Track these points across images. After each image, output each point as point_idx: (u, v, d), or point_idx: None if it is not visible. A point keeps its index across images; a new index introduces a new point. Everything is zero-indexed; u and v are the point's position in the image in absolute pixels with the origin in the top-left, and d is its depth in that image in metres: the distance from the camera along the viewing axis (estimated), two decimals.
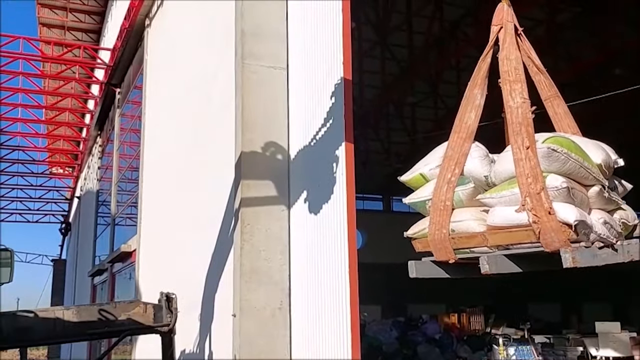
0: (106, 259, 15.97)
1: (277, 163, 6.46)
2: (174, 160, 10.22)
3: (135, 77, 14.58)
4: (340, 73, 5.80)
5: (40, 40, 19.28)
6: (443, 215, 3.41)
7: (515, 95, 3.18)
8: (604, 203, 3.24)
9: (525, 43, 3.45)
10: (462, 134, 3.46)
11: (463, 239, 3.36)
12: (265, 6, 6.65)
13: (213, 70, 8.01)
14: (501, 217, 3.17)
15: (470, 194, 3.40)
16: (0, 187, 28.65)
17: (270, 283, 6.14)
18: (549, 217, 2.92)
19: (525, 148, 3.04)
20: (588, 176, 3.13)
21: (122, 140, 16.43)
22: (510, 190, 3.14)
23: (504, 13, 3.43)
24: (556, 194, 2.99)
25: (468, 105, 3.47)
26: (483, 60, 3.47)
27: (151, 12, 12.28)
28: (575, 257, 2.85)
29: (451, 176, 3.43)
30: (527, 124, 3.11)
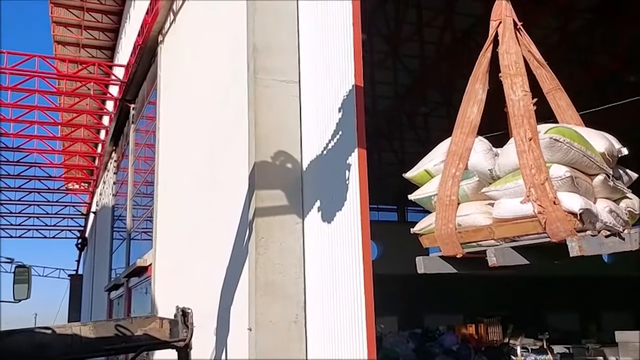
0: (122, 274, 16.06)
1: (290, 173, 6.49)
2: (188, 175, 10.28)
3: (149, 93, 14.72)
4: (352, 80, 5.82)
5: (56, 58, 19.55)
6: (449, 210, 3.43)
7: (517, 88, 3.22)
8: (609, 192, 3.24)
9: (525, 37, 3.48)
10: (465, 129, 3.49)
11: (470, 233, 3.37)
12: (277, 21, 6.71)
13: (226, 85, 8.07)
14: (506, 209, 3.19)
15: (475, 188, 3.42)
16: (17, 204, 28.96)
17: (286, 296, 6.14)
18: (554, 207, 2.93)
19: (527, 140, 3.06)
20: (592, 165, 3.14)
21: (136, 155, 16.57)
22: (514, 182, 3.15)
23: (503, 8, 3.47)
24: (560, 183, 3.00)
25: (470, 100, 3.51)
26: (483, 55, 3.51)
27: (164, 28, 12.42)
28: (582, 245, 2.86)
29: (456, 171, 3.45)
30: (529, 116, 3.14)
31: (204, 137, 9.33)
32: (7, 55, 16.45)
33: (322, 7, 6.48)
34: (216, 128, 8.62)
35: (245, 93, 6.79)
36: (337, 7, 6.16)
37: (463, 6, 17.55)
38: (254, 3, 6.69)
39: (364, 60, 6.01)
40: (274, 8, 6.74)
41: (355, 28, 5.92)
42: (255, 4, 6.68)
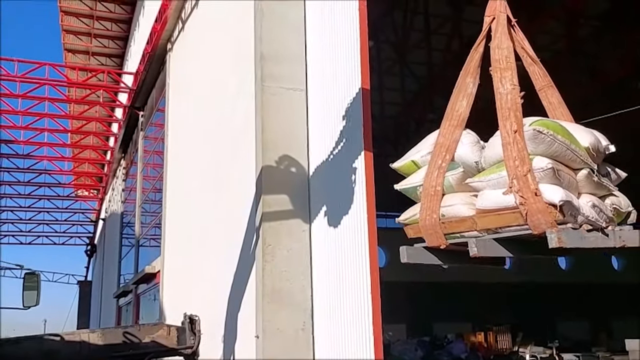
0: (131, 281, 16.11)
1: (297, 178, 6.50)
2: (196, 181, 10.32)
3: (158, 100, 14.81)
4: (359, 84, 5.84)
5: (66, 66, 19.71)
6: (433, 201, 3.45)
7: (505, 82, 3.24)
8: (593, 187, 3.25)
9: (519, 34, 3.51)
10: (453, 121, 3.52)
11: (453, 224, 3.38)
12: (284, 29, 6.74)
13: (234, 92, 8.11)
14: (489, 200, 3.21)
15: (459, 179, 3.44)
16: (27, 210, 29.15)
17: (293, 304, 6.14)
18: (536, 198, 2.94)
19: (513, 132, 3.08)
20: (575, 159, 3.15)
21: (145, 162, 16.65)
22: (498, 173, 3.18)
23: (497, 4, 3.51)
24: (542, 175, 3.02)
25: (460, 94, 3.54)
26: (475, 49, 3.54)
27: (173, 36, 12.51)
28: (561, 237, 2.85)
29: (442, 162, 3.48)
30: (516, 109, 3.16)
31: (212, 144, 9.37)
32: (18, 63, 16.62)
33: (329, 14, 6.51)
34: (224, 135, 8.66)
35: (252, 100, 6.83)
36: (344, 13, 6.19)
37: (470, 13, 17.55)
38: (262, 11, 6.73)
39: (372, 67, 6.03)
40: (281, 16, 6.78)
41: (362, 33, 5.94)
42: (262, 12, 6.73)
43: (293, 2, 6.83)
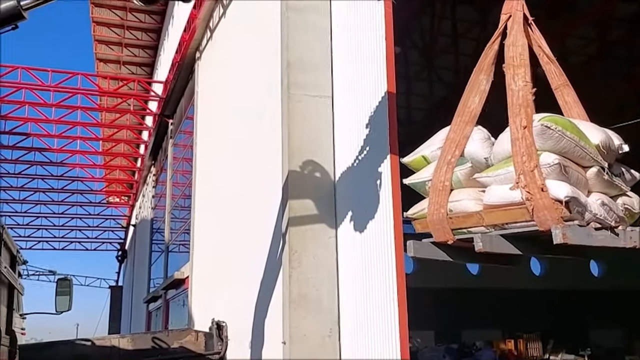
0: (160, 286, 16.32)
1: (323, 184, 6.53)
2: (224, 188, 10.44)
3: (187, 108, 15.02)
4: (384, 88, 5.85)
5: (97, 76, 20.12)
6: (441, 196, 3.45)
7: (518, 79, 3.24)
8: (604, 186, 3.21)
9: (535, 32, 3.49)
10: (464, 117, 3.52)
11: (460, 219, 3.37)
12: (310, 37, 6.80)
13: (261, 99, 8.19)
14: (497, 196, 3.19)
15: (467, 174, 3.44)
16: (61, 217, 29.76)
17: (319, 310, 6.16)
18: (542, 194, 2.92)
19: (522, 128, 3.07)
20: (585, 156, 3.11)
21: (175, 169, 16.89)
22: (505, 168, 3.16)
23: (514, 2, 3.49)
24: (549, 171, 2.99)
25: (473, 90, 3.54)
26: (490, 47, 3.53)
27: (201, 45, 12.68)
28: (566, 233, 2.82)
29: (451, 157, 3.48)
30: (527, 105, 3.15)
31: (240, 151, 9.47)
32: (52, 73, 17.03)
33: (355, 20, 6.54)
34: (251, 142, 8.75)
35: (279, 107, 6.89)
36: (370, 19, 6.21)
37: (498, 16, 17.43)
38: (288, 20, 6.80)
39: (399, 72, 6.04)
40: (307, 25, 6.83)
41: (387, 38, 5.95)
42: (289, 20, 6.79)
43: (319, 10, 6.88)
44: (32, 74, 16.85)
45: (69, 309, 6.98)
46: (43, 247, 33.77)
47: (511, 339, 19.55)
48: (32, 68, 16.82)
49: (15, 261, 4.54)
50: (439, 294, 21.27)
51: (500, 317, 22.09)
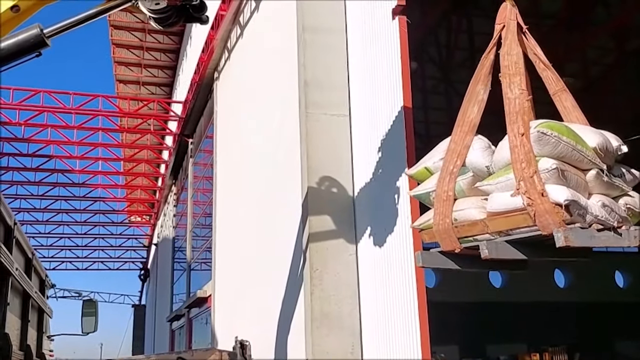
0: (183, 305, 16.40)
1: (342, 200, 6.58)
2: (245, 206, 10.51)
3: (207, 127, 15.19)
4: (401, 103, 5.90)
5: (118, 97, 20.45)
6: (446, 206, 3.50)
7: (514, 87, 3.29)
8: (605, 188, 3.24)
9: (530, 40, 3.55)
10: (464, 128, 3.58)
11: (465, 228, 3.42)
12: (327, 57, 6.88)
13: (279, 119, 8.28)
14: (499, 203, 3.24)
15: (469, 183, 3.48)
16: (84, 237, 30.11)
17: (341, 328, 6.17)
18: (542, 199, 2.97)
19: (520, 135, 3.13)
20: (583, 159, 3.16)
21: (195, 188, 17.04)
22: (506, 176, 3.21)
23: (507, 12, 3.55)
24: (548, 176, 3.03)
25: (471, 100, 3.60)
26: (486, 57, 3.59)
27: (219, 65, 12.86)
28: (568, 236, 2.86)
29: (453, 167, 3.53)
30: (524, 112, 3.21)
31: (260, 168, 9.56)
32: (73, 96, 17.38)
33: (371, 37, 6.61)
34: (270, 160, 8.83)
35: (297, 126, 6.97)
36: (385, 35, 6.27)
37: None
38: (305, 41, 6.89)
39: (416, 86, 6.10)
40: (324, 44, 6.92)
41: (402, 53, 6.00)
42: (305, 42, 6.89)
43: (335, 30, 6.98)
44: (54, 97, 17.21)
45: (95, 330, 7.08)
46: (67, 267, 34.21)
47: (536, 353, 19.27)
48: (53, 91, 17.20)
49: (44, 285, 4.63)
50: (463, 308, 21.08)
51: (525, 331, 21.82)
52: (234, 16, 11.13)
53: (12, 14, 4.44)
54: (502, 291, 23.35)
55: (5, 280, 3.18)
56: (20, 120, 17.21)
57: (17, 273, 3.35)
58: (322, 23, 6.98)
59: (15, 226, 3.29)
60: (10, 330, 3.32)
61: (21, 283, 3.55)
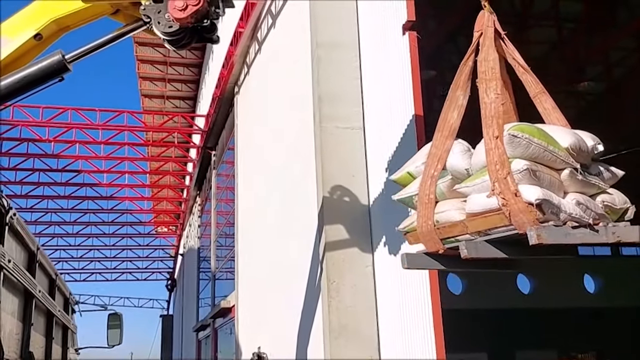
0: (208, 315, 16.60)
1: (358, 210, 6.67)
2: (265, 216, 10.67)
3: (228, 140, 15.43)
4: (412, 112, 5.99)
5: (143, 113, 20.87)
6: (428, 208, 3.62)
7: (490, 92, 3.40)
8: (581, 186, 3.31)
9: (509, 45, 3.64)
10: (445, 132, 3.69)
11: (447, 229, 3.53)
12: (339, 72, 7.01)
13: (296, 131, 8.43)
14: (476, 204, 3.34)
15: (449, 185, 3.61)
16: (112, 249, 30.66)
17: (359, 339, 6.26)
18: (516, 199, 3.06)
19: (494, 138, 3.22)
20: (555, 159, 3.24)
21: (218, 198, 17.29)
22: (482, 178, 3.31)
23: (485, 19, 3.65)
24: (520, 176, 3.12)
25: (451, 106, 3.72)
26: (465, 64, 3.70)
27: (239, 79, 13.08)
28: (540, 234, 2.93)
29: (434, 171, 3.65)
30: (498, 116, 3.31)
31: (278, 180, 9.71)
32: (100, 112, 17.82)
33: (382, 52, 6.72)
34: (288, 171, 8.97)
35: (313, 139, 7.10)
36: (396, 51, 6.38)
37: (536, 35, 17.35)
38: (318, 57, 7.03)
39: (434, 94, 6.18)
40: (337, 60, 7.05)
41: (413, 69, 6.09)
42: (319, 57, 7.03)
43: (347, 45, 7.10)
44: (82, 114, 17.67)
45: (120, 343, 7.28)
46: (96, 278, 34.83)
47: (566, 359, 19.03)
48: (81, 109, 17.66)
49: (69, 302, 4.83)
50: (491, 315, 20.94)
51: (554, 337, 21.56)
52: (252, 32, 11.34)
53: (35, 42, 4.68)
54: (530, 297, 23.12)
55: (29, 302, 3.37)
56: (49, 137, 17.69)
57: (40, 294, 3.53)
58: (335, 39, 7.11)
59: (38, 251, 3.48)
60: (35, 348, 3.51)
61: (44, 303, 3.74)
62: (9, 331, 2.87)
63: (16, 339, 3.13)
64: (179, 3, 4.22)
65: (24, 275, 3.06)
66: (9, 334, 2.88)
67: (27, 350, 3.28)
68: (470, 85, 3.69)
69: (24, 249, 3.21)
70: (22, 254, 3.18)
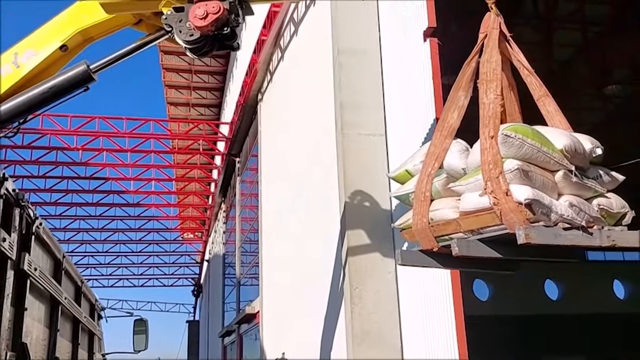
0: (233, 321, 16.70)
1: (380, 215, 6.67)
2: (288, 223, 10.72)
3: (252, 146, 15.55)
4: (433, 117, 5.98)
5: (169, 121, 21.15)
6: (423, 206, 3.65)
7: (490, 92, 3.42)
8: (576, 189, 3.29)
9: (514, 48, 3.62)
10: (444, 132, 3.71)
11: (440, 227, 3.55)
12: (361, 79, 7.03)
13: (319, 137, 8.46)
14: (469, 203, 3.35)
15: (444, 184, 3.63)
16: (139, 255, 31.05)
17: (382, 344, 6.25)
18: (507, 198, 3.07)
19: (490, 138, 3.24)
20: (549, 160, 3.24)
21: (243, 205, 17.41)
22: (475, 177, 3.33)
23: (491, 21, 3.63)
24: (511, 176, 3.13)
25: (452, 106, 3.72)
26: (468, 64, 3.70)
27: (262, 87, 13.18)
28: (529, 234, 2.93)
29: (431, 170, 3.69)
30: (496, 117, 3.33)
31: (301, 186, 9.76)
32: (126, 121, 18.10)
33: (404, 59, 6.73)
34: (310, 178, 9.01)
35: (335, 145, 7.13)
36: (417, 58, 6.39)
37: (562, 37, 17.15)
38: (340, 65, 7.07)
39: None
40: (358, 66, 7.08)
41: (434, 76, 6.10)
42: (341, 65, 7.06)
43: (369, 52, 7.13)
44: (109, 123, 17.97)
45: (146, 348, 7.39)
46: (124, 284, 35.29)
47: None
48: (108, 117, 17.97)
49: (95, 309, 4.94)
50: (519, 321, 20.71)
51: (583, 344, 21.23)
52: (275, 40, 11.44)
53: (61, 53, 4.81)
54: (558, 303, 22.80)
55: (55, 309, 3.47)
56: (77, 145, 18.01)
57: (66, 301, 3.63)
58: (357, 46, 7.14)
59: (64, 259, 3.58)
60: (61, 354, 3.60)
61: (70, 310, 3.84)
62: (35, 337, 2.96)
63: (43, 344, 3.22)
64: (200, 11, 4.29)
65: (50, 282, 3.15)
66: (36, 339, 2.97)
67: (54, 355, 3.37)
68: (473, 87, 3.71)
69: (50, 257, 3.30)
70: (48, 262, 3.28)
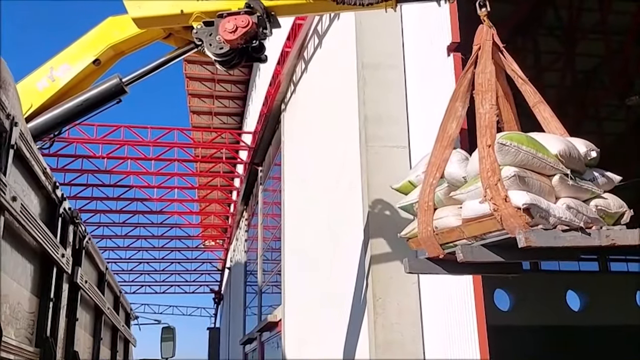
0: (255, 329, 16.83)
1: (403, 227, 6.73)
2: (311, 232, 10.83)
3: (275, 156, 15.71)
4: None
5: (192, 130, 21.43)
6: (427, 215, 3.76)
7: (486, 102, 3.53)
8: (573, 191, 3.39)
9: (508, 58, 3.72)
10: (444, 142, 3.82)
11: (445, 234, 3.66)
12: (385, 92, 7.15)
13: (342, 149, 8.58)
14: (471, 210, 3.46)
15: (446, 193, 3.74)
16: (161, 262, 31.38)
17: (405, 354, 6.33)
18: (506, 204, 3.18)
19: (487, 146, 3.35)
20: (545, 166, 3.34)
21: (265, 213, 17.57)
22: (475, 184, 3.44)
23: (484, 33, 3.73)
24: (509, 182, 3.23)
25: (450, 117, 3.83)
26: (464, 76, 3.81)
27: (286, 97, 13.35)
28: (529, 237, 3.04)
29: (433, 180, 3.80)
30: (492, 126, 3.44)
31: (324, 196, 9.87)
32: (151, 130, 18.41)
33: (427, 73, 6.83)
34: (334, 188, 9.12)
35: (358, 157, 7.25)
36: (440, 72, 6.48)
37: (584, 47, 17.11)
38: (364, 78, 7.19)
39: None
40: (383, 80, 7.20)
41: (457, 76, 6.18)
42: (365, 79, 7.19)
43: (393, 66, 7.24)
44: (133, 132, 18.30)
45: (173, 355, 7.54)
46: (146, 290, 35.66)
47: None
48: (133, 126, 18.30)
49: (129, 318, 5.12)
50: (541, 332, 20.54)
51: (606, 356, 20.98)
52: (299, 51, 11.60)
53: (94, 67, 5.01)
54: (581, 314, 22.56)
55: (99, 318, 3.64)
56: (103, 154, 18.35)
57: (108, 311, 3.80)
58: (381, 60, 7.27)
59: (107, 271, 3.75)
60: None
61: (111, 319, 4.01)
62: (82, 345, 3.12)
63: (88, 352, 3.38)
64: (229, 25, 4.45)
65: (96, 293, 3.32)
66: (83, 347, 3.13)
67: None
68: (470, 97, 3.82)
69: (95, 269, 3.47)
70: (93, 274, 3.45)
